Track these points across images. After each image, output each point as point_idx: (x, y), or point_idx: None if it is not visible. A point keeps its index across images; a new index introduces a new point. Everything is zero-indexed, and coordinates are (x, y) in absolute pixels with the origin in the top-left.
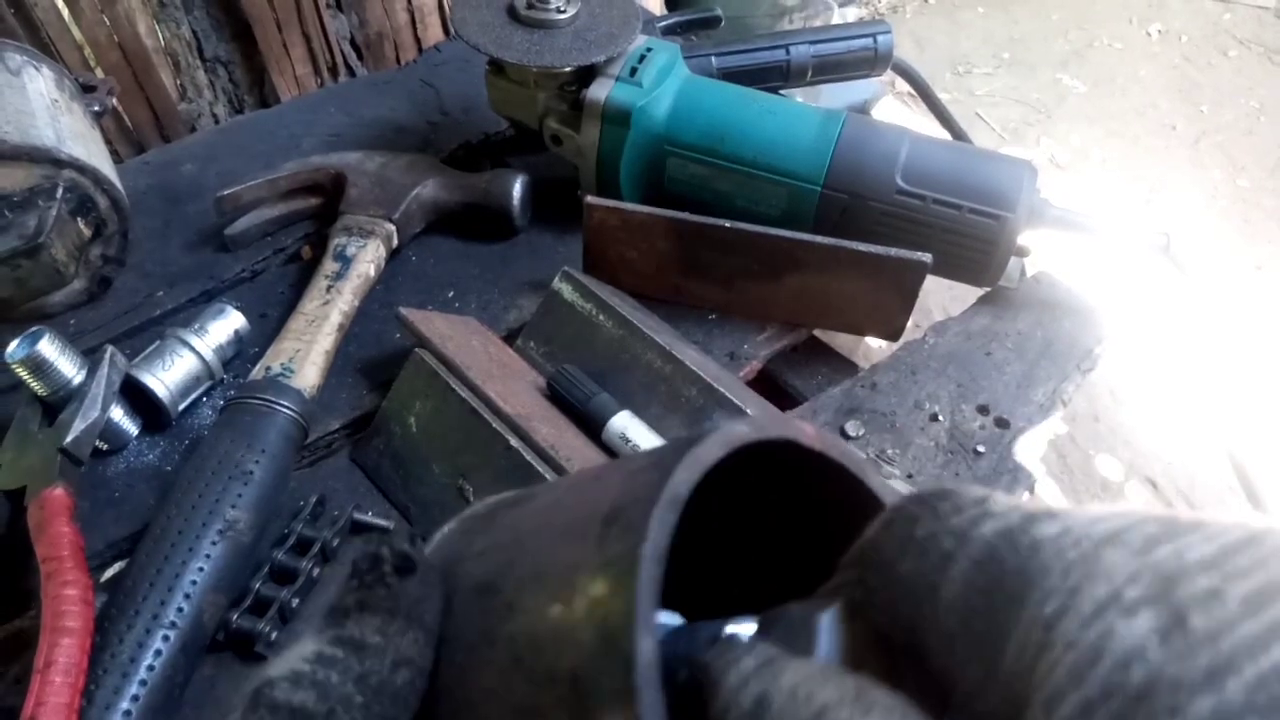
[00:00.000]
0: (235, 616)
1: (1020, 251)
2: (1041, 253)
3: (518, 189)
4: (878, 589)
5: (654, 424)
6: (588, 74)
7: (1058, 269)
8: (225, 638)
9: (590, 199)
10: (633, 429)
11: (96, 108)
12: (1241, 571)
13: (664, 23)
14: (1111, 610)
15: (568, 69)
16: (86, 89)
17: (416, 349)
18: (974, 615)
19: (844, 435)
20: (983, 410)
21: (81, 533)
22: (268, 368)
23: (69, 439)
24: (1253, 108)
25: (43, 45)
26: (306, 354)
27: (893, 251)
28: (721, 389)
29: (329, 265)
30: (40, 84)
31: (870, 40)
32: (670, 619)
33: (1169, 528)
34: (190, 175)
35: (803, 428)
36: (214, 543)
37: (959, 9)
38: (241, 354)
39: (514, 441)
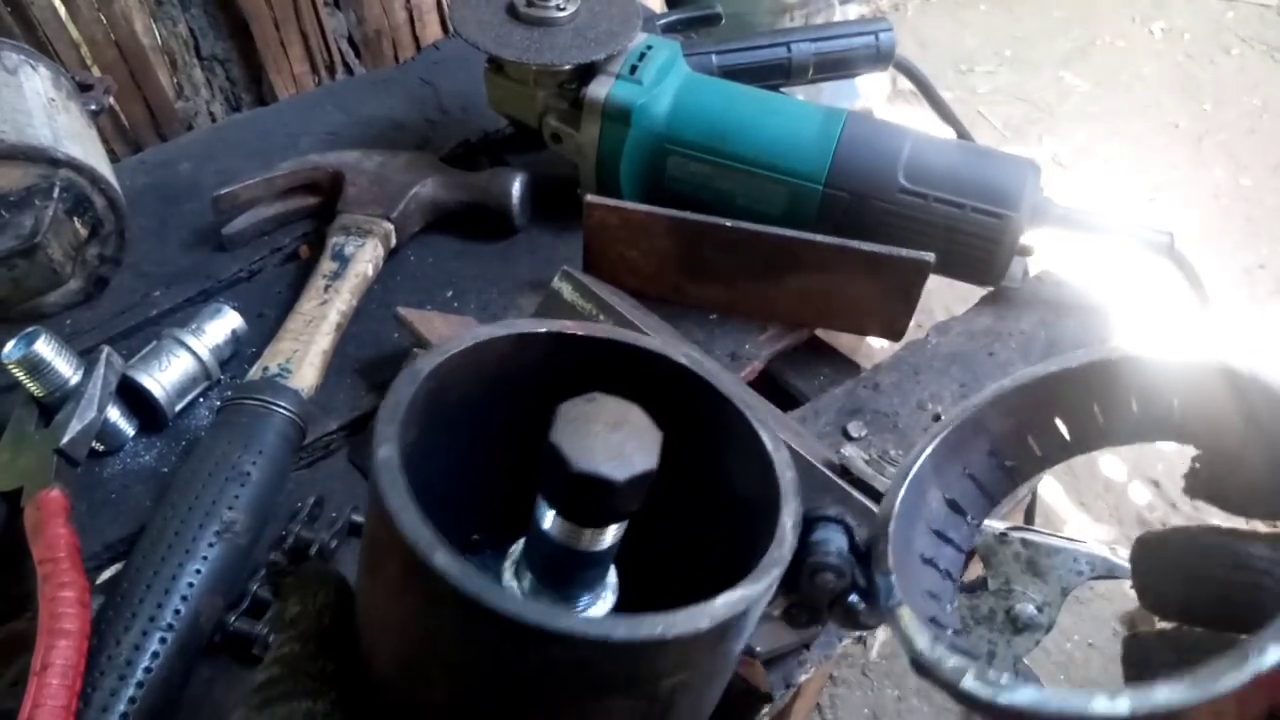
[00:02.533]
0: (232, 619)
1: (1023, 250)
2: (1045, 252)
3: (517, 188)
4: None
5: None
6: (588, 72)
7: (1061, 268)
8: (222, 640)
9: (590, 198)
10: None
11: (93, 106)
12: None
13: (664, 20)
14: None
15: (567, 67)
16: (83, 88)
17: (415, 349)
18: None
19: (846, 436)
20: None
21: (78, 534)
22: (265, 368)
23: (65, 440)
24: (1255, 106)
25: (39, 44)
26: (304, 354)
27: (895, 250)
28: None
29: (327, 265)
30: (37, 83)
31: (872, 38)
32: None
33: None
34: (187, 174)
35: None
36: (211, 544)
37: (961, 6)
38: (239, 354)
39: None
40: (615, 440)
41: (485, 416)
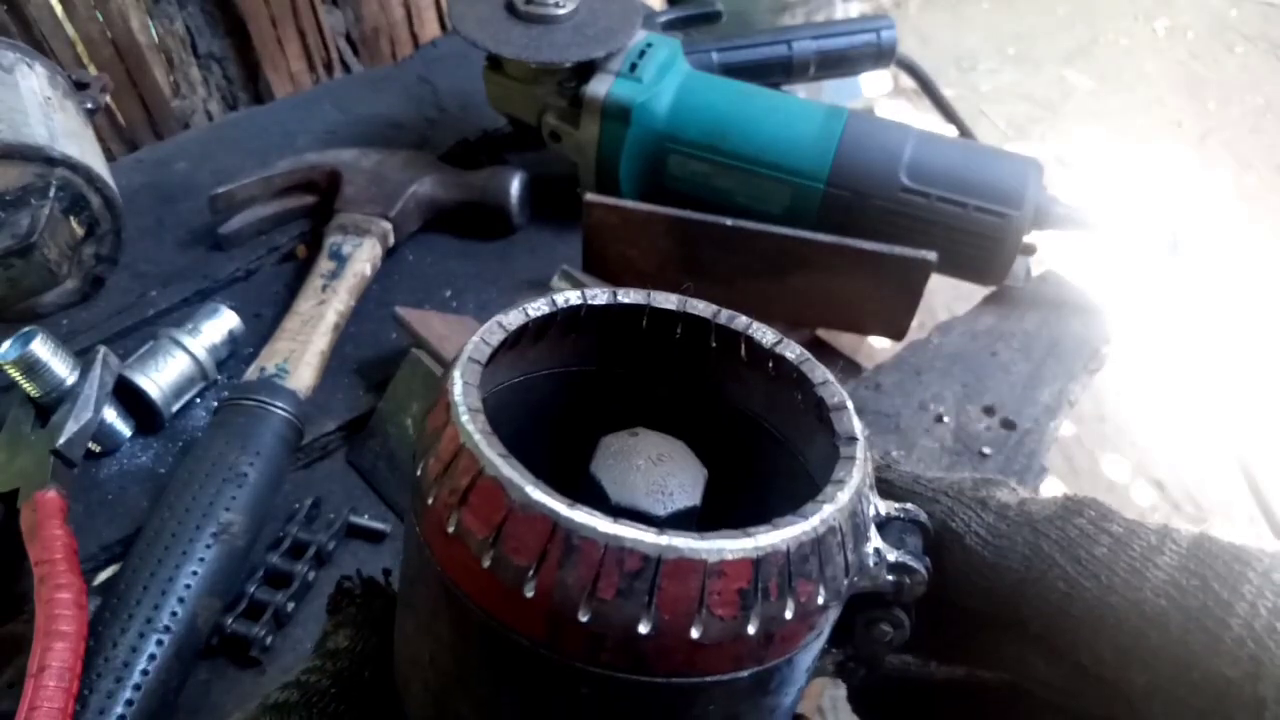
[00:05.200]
0: (230, 620)
1: (1026, 250)
2: (1048, 251)
3: (516, 186)
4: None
5: None
6: (587, 70)
7: (1064, 267)
8: (220, 642)
9: (589, 196)
10: None
11: (89, 105)
12: None
13: (664, 18)
14: None
15: (567, 65)
16: (79, 86)
17: (413, 349)
18: (1188, 592)
19: None
20: (988, 411)
21: (75, 535)
22: (262, 368)
23: (62, 441)
24: (1259, 104)
25: (36, 42)
26: (301, 354)
27: (897, 249)
28: None
29: (324, 264)
30: (33, 81)
31: (874, 35)
32: None
33: None
34: (184, 173)
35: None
36: (208, 546)
37: (963, 4)
38: (235, 354)
39: None
40: (657, 475)
41: (541, 401)
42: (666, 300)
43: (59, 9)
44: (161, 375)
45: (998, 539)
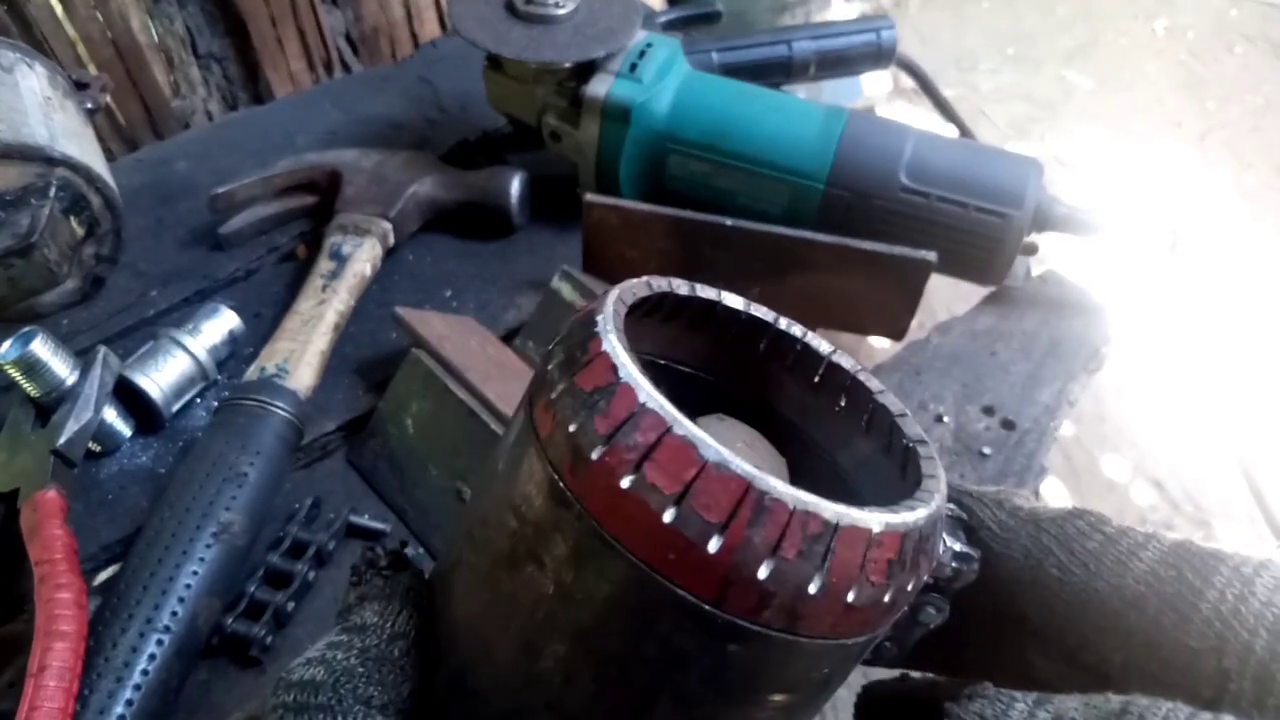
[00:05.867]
0: (230, 620)
1: (1027, 249)
2: (1048, 251)
3: (516, 187)
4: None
5: None
6: (587, 70)
7: (1064, 267)
8: (220, 642)
9: (589, 197)
10: None
11: (89, 105)
12: None
13: (664, 18)
14: None
15: (567, 65)
16: (79, 86)
17: (413, 349)
18: (1165, 580)
19: None
20: (988, 411)
21: (75, 535)
22: (262, 368)
23: (62, 440)
24: (1259, 104)
25: (36, 42)
26: (301, 354)
27: (897, 249)
28: None
29: (324, 264)
30: (33, 81)
31: (873, 35)
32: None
33: None
34: (184, 173)
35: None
36: (208, 546)
37: (963, 3)
38: (236, 354)
39: None
40: (753, 460)
41: None
42: (734, 300)
43: (59, 9)
44: (162, 375)
45: (1005, 532)
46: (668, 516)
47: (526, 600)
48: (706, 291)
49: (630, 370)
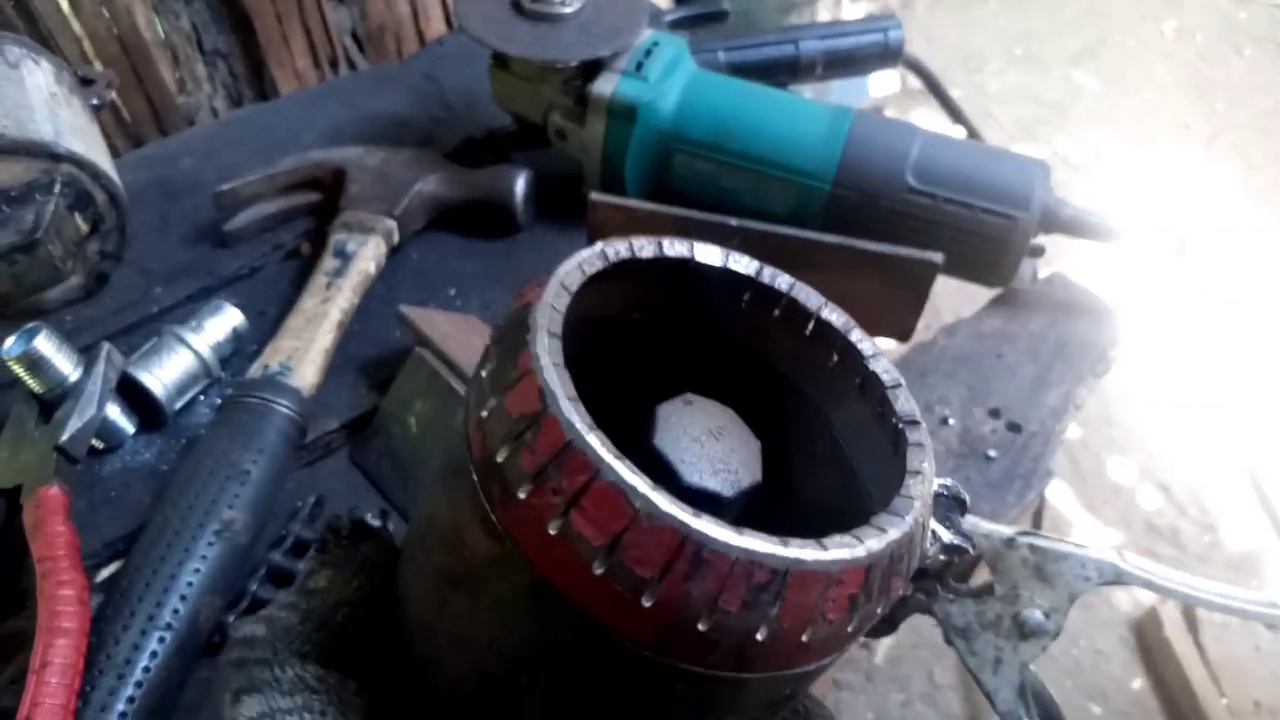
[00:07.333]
0: (231, 618)
1: (1034, 251)
2: (1055, 253)
3: (521, 185)
4: None
5: None
6: (593, 68)
7: (1071, 269)
8: (222, 640)
9: (595, 195)
10: None
11: (95, 101)
12: None
13: (671, 17)
14: None
15: (573, 63)
16: (85, 82)
17: (417, 347)
18: None
19: None
20: (994, 414)
21: (77, 532)
22: (266, 366)
23: (65, 437)
24: (1267, 106)
25: (42, 38)
26: (305, 352)
27: (903, 251)
28: None
29: (329, 262)
30: (39, 77)
31: (880, 35)
32: None
33: None
34: (188, 170)
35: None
36: (210, 544)
37: (971, 4)
38: (239, 352)
39: None
40: (719, 451)
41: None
42: (710, 255)
43: (65, 5)
44: (165, 372)
45: None
46: (597, 569)
47: (469, 625)
48: (676, 248)
49: (557, 396)
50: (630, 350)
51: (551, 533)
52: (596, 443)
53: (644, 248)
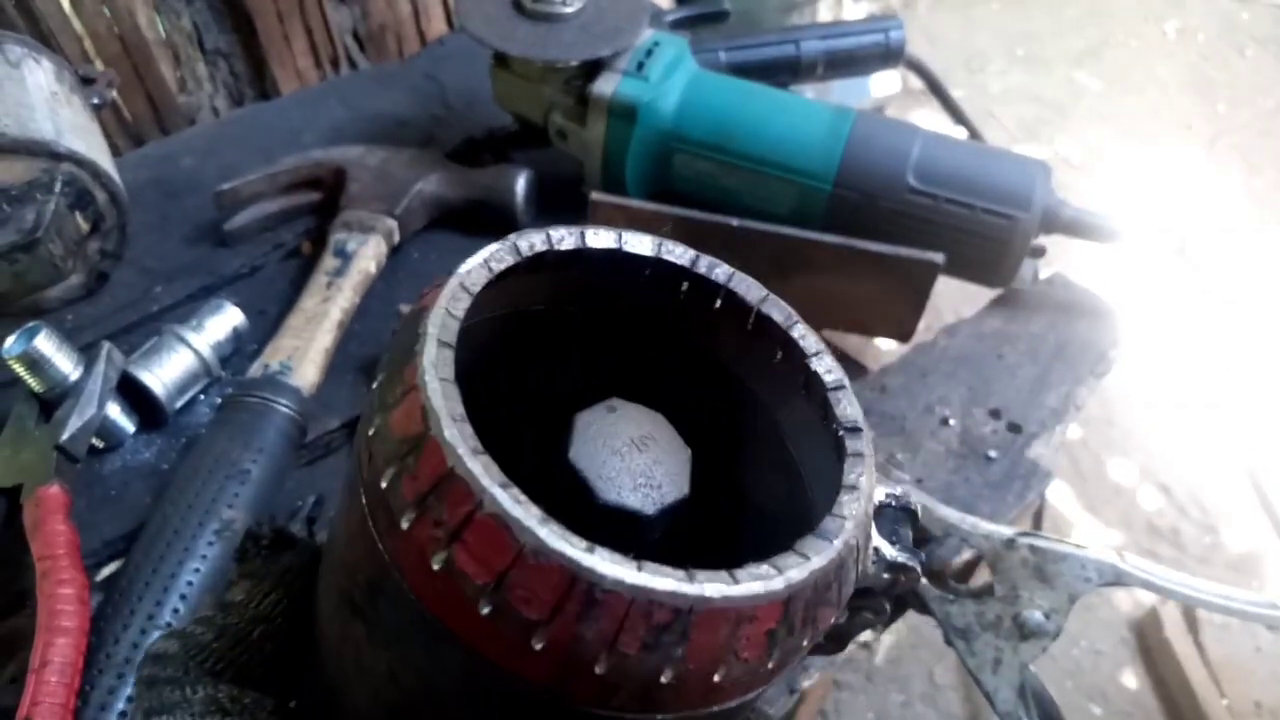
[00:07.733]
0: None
1: (1035, 252)
2: (1056, 253)
3: (521, 185)
4: None
5: None
6: (594, 68)
7: (1072, 270)
8: None
9: (595, 195)
10: None
11: (96, 100)
12: None
13: (672, 17)
14: None
15: (574, 63)
16: (86, 81)
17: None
18: None
19: None
20: (994, 414)
21: (77, 531)
22: (266, 365)
23: (65, 436)
24: (1269, 107)
25: (43, 37)
26: (305, 351)
27: (904, 251)
28: None
29: (329, 261)
30: (40, 76)
31: (882, 35)
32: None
33: None
34: (189, 169)
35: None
36: (210, 543)
37: (973, 4)
38: (240, 351)
39: None
40: (642, 464)
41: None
42: (640, 244)
43: (66, 4)
44: (165, 371)
45: None
46: (483, 609)
47: (370, 653)
48: (601, 238)
49: (440, 417)
50: (569, 346)
51: (435, 568)
52: (480, 469)
53: (563, 239)
